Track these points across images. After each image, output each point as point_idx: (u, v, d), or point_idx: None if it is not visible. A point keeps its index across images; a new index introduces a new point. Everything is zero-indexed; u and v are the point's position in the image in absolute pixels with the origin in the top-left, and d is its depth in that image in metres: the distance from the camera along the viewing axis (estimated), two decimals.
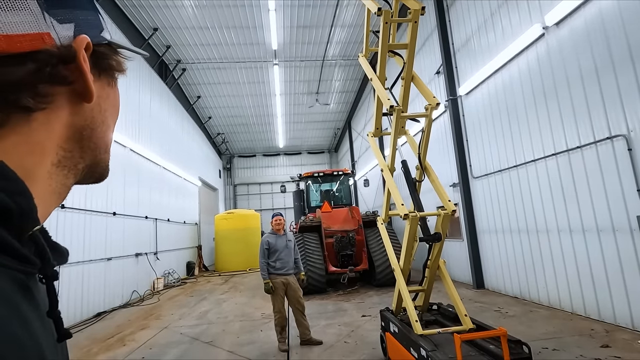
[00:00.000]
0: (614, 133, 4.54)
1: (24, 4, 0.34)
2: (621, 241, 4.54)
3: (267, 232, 5.23)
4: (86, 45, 0.38)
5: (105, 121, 0.45)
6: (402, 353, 3.42)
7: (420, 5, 3.53)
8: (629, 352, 3.79)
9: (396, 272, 3.72)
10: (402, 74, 3.97)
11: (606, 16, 4.60)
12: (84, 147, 0.42)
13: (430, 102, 3.56)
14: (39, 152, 0.37)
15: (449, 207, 3.42)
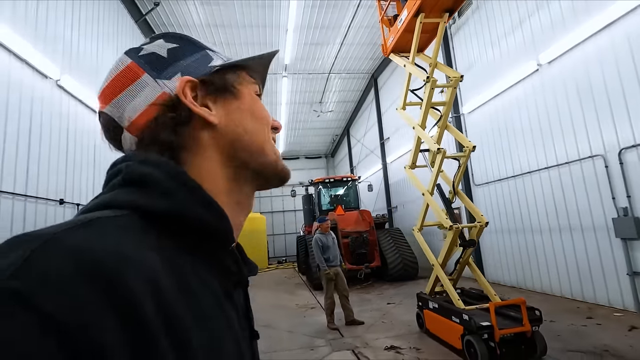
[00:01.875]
0: (594, 153, 5.80)
1: (144, 84, 0.46)
2: (600, 238, 5.79)
3: (317, 233, 6.22)
4: (191, 84, 0.47)
5: (247, 129, 0.51)
6: (443, 322, 4.51)
7: (460, 74, 4.67)
8: (608, 321, 5.02)
9: (435, 267, 4.80)
10: (438, 122, 5.10)
11: (589, 59, 5.86)
12: (241, 157, 0.50)
13: (467, 145, 4.65)
14: (212, 176, 0.47)
15: (482, 220, 4.54)
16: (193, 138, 0.46)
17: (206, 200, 0.41)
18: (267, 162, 0.53)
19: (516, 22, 7.37)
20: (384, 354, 4.51)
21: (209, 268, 0.40)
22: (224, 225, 0.42)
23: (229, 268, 0.43)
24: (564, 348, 4.18)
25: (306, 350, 4.88)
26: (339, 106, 19.29)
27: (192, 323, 0.33)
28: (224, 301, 0.41)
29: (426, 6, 4.77)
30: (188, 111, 0.46)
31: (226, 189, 0.48)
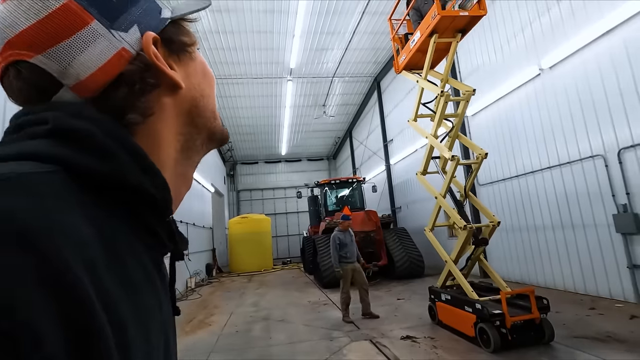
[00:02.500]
0: (595, 153, 6.12)
1: (94, 34, 0.37)
2: (601, 233, 6.10)
3: (336, 231, 6.50)
4: (154, 40, 0.41)
5: (203, 93, 0.48)
6: (456, 313, 4.81)
7: (472, 88, 5.00)
8: (610, 311, 5.33)
9: (448, 263, 5.09)
10: (450, 132, 5.45)
11: (589, 64, 6.19)
12: (197, 125, 0.47)
13: (479, 152, 4.96)
14: (165, 146, 0.43)
15: (495, 220, 4.84)
16: (158, 105, 0.42)
17: (148, 167, 0.38)
18: (218, 126, 0.51)
19: (518, 28, 7.71)
20: (401, 343, 4.80)
21: (142, 239, 0.37)
22: (165, 196, 0.39)
23: (163, 240, 0.40)
24: (570, 335, 4.48)
25: (326, 340, 5.16)
26: (342, 109, 19.62)
27: (124, 297, 0.30)
28: (154, 275, 0.38)
29: (440, 27, 5.08)
30: (158, 74, 0.41)
31: (174, 159, 0.45)
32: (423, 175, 5.80)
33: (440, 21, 4.96)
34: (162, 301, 0.39)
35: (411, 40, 5.85)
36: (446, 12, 4.97)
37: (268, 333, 5.78)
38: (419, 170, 5.84)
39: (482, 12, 5.03)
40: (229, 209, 24.68)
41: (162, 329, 0.38)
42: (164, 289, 0.41)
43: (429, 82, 5.59)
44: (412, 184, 13.73)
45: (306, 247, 13.87)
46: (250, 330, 6.09)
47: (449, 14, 5.00)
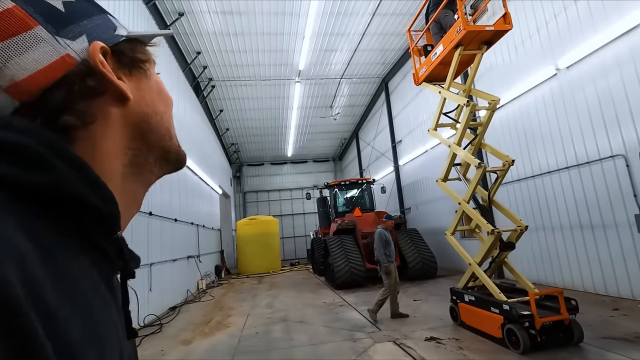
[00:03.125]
0: (615, 153, 6.10)
1: (36, 38, 0.37)
2: (622, 234, 6.07)
3: (381, 228, 6.55)
4: (102, 50, 0.41)
5: (157, 111, 0.47)
6: (482, 314, 4.79)
7: (498, 98, 5.01)
8: (633, 311, 5.30)
9: (473, 265, 5.07)
10: (473, 141, 5.48)
11: (607, 64, 6.17)
12: (148, 141, 0.46)
13: (506, 159, 4.95)
14: (109, 158, 0.41)
15: (522, 225, 4.81)
16: (101, 114, 0.41)
17: (93, 179, 0.36)
18: (173, 146, 0.51)
19: (533, 29, 7.70)
20: (425, 344, 4.78)
21: (88, 254, 0.36)
22: (111, 209, 0.37)
23: (111, 258, 0.38)
24: (597, 335, 4.46)
25: (349, 341, 5.15)
26: (348, 110, 19.64)
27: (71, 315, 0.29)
28: (103, 291, 0.36)
29: (465, 40, 5.08)
30: (103, 82, 0.41)
31: (122, 173, 0.43)
32: (444, 182, 5.79)
33: (465, 35, 4.95)
34: (116, 320, 0.38)
35: (432, 53, 5.85)
36: (471, 26, 4.97)
37: (289, 334, 5.77)
38: (439, 177, 5.85)
39: (508, 27, 5.01)
40: (235, 210, 24.72)
41: (119, 351, 0.37)
42: (116, 309, 0.39)
43: (452, 93, 5.58)
44: (422, 185, 13.71)
45: (316, 248, 13.87)
46: (270, 331, 6.08)
47: (475, 28, 4.99)
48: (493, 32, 5.05)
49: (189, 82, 13.12)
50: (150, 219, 8.09)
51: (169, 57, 10.89)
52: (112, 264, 0.39)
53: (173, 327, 6.96)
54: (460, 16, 4.94)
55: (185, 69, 12.51)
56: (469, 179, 5.48)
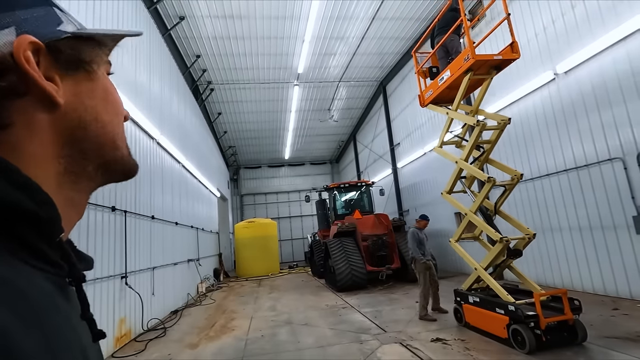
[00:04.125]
0: (613, 156, 6.24)
1: None
2: (620, 235, 6.21)
3: (413, 227, 6.74)
4: (33, 46, 0.36)
5: (97, 117, 0.43)
6: (486, 315, 4.88)
7: (508, 117, 5.13)
8: (634, 311, 5.42)
9: (479, 270, 5.15)
10: (480, 157, 5.61)
11: (605, 69, 6.32)
12: (83, 149, 0.41)
13: (515, 174, 5.07)
14: (36, 165, 0.37)
15: (530, 233, 4.91)
16: (23, 116, 0.36)
17: (24, 182, 0.34)
18: (117, 156, 0.46)
19: (532, 34, 7.86)
20: (432, 345, 4.85)
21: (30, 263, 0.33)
22: (49, 212, 0.35)
23: (57, 263, 0.36)
24: (600, 335, 4.56)
25: (356, 343, 5.20)
26: (346, 113, 19.74)
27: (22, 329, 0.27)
28: (57, 299, 0.34)
29: (475, 65, 5.16)
30: (26, 81, 0.36)
31: (56, 181, 0.40)
32: (449, 194, 5.89)
33: (474, 62, 5.05)
34: (76, 326, 0.36)
35: (439, 78, 5.95)
36: (479, 55, 5.06)
37: (295, 337, 5.81)
38: (444, 190, 5.95)
39: (515, 56, 5.11)
40: (232, 213, 24.67)
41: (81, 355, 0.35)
42: (75, 314, 0.37)
43: (459, 114, 5.69)
44: (421, 188, 13.83)
45: (315, 250, 13.91)
46: (276, 334, 6.11)
47: (482, 57, 5.08)
48: (501, 60, 5.15)
49: (188, 85, 13.13)
50: (152, 222, 8.09)
51: (169, 61, 10.90)
52: (59, 268, 0.36)
53: (177, 331, 6.96)
54: (469, 44, 5.04)
55: (185, 72, 12.52)
56: (474, 192, 5.61)
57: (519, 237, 5.05)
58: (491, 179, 4.94)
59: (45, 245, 0.35)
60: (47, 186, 0.37)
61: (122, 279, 6.31)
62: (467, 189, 5.77)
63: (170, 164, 9.94)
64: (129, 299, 6.53)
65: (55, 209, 0.36)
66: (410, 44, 13.31)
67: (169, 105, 10.13)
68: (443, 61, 6.25)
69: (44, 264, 0.35)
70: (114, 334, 5.89)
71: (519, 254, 5.02)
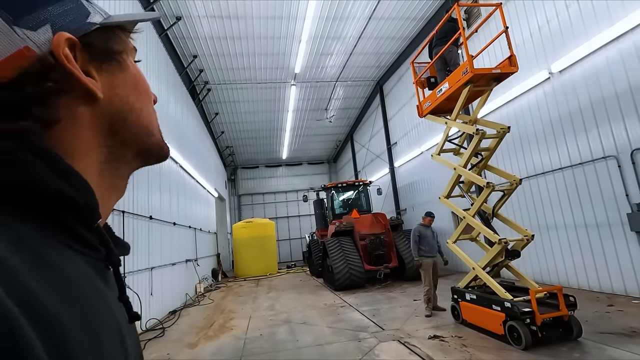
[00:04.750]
0: (607, 154, 6.31)
1: None
2: (615, 232, 6.28)
3: (418, 225, 6.76)
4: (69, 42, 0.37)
5: (133, 107, 0.44)
6: (483, 312, 4.92)
7: (507, 126, 5.17)
8: (628, 307, 5.49)
9: (476, 269, 5.19)
10: (479, 164, 5.67)
11: (599, 68, 6.39)
12: (124, 139, 0.44)
13: (514, 179, 5.11)
14: (81, 156, 0.39)
15: (529, 234, 4.96)
16: (69, 112, 0.38)
17: (64, 169, 0.35)
18: (153, 142, 0.48)
19: (527, 34, 7.92)
20: (430, 342, 4.89)
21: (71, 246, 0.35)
22: (87, 199, 0.36)
23: (95, 247, 0.37)
24: (595, 331, 4.62)
25: (354, 341, 5.24)
26: (343, 113, 19.78)
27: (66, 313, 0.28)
28: (97, 282, 0.36)
29: (474, 78, 5.18)
30: (69, 79, 0.37)
31: (98, 171, 0.41)
32: (447, 198, 5.93)
33: (472, 76, 5.08)
34: (113, 307, 0.37)
35: (438, 90, 5.99)
36: (478, 69, 5.09)
37: (294, 336, 5.84)
38: (442, 194, 5.99)
39: (514, 69, 5.14)
40: (230, 213, 24.66)
41: (118, 337, 0.36)
42: (112, 296, 0.39)
43: (459, 123, 5.72)
44: (418, 187, 13.90)
45: (313, 250, 13.94)
46: (274, 333, 6.14)
47: (481, 71, 5.12)
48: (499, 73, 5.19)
49: (185, 85, 13.12)
50: (150, 222, 8.10)
51: (166, 61, 10.91)
52: (97, 252, 0.38)
53: (176, 331, 6.97)
54: (467, 58, 5.07)
55: (182, 72, 12.52)
56: (473, 196, 5.66)
57: (517, 239, 5.09)
58: (490, 184, 4.99)
59: (85, 229, 0.36)
60: (90, 174, 0.39)
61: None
62: (466, 193, 5.83)
63: (168, 164, 9.94)
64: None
65: (92, 196, 0.37)
66: (406, 43, 13.37)
67: (166, 105, 10.12)
68: (441, 72, 6.29)
69: (84, 248, 0.36)
70: None
71: (517, 255, 5.07)
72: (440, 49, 5.93)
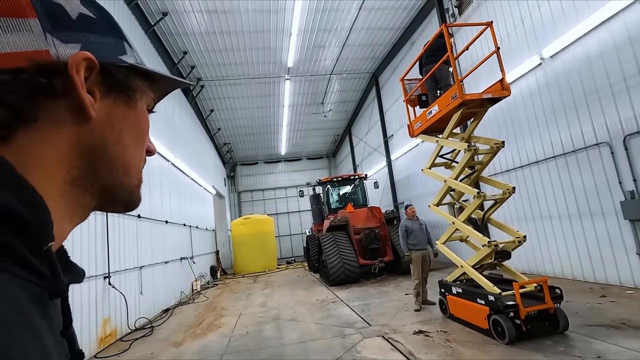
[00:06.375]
0: (600, 141, 6.11)
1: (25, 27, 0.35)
2: (609, 221, 6.09)
3: (404, 219, 6.64)
4: (88, 62, 0.38)
5: (120, 141, 0.43)
6: (468, 305, 4.80)
7: (501, 141, 4.97)
8: (621, 298, 5.33)
9: (465, 267, 5.03)
10: (471, 176, 5.51)
11: (590, 52, 6.17)
12: (97, 168, 0.41)
13: (507, 188, 4.92)
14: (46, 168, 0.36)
15: (520, 235, 4.77)
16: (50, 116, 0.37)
17: (16, 181, 0.32)
18: (125, 182, 0.45)
19: (518, 20, 7.68)
20: (414, 338, 4.78)
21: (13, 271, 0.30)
22: (39, 217, 0.32)
23: (39, 272, 0.32)
24: (584, 323, 4.47)
25: (339, 337, 5.14)
26: (340, 106, 19.58)
27: None
28: (33, 316, 0.30)
29: (466, 101, 4.97)
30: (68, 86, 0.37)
31: (60, 191, 0.38)
32: (437, 206, 5.77)
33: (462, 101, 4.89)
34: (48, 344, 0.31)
35: (427, 112, 5.80)
36: (467, 95, 4.89)
37: (279, 333, 5.76)
38: (432, 202, 5.83)
39: (505, 93, 4.93)
40: (230, 210, 24.65)
41: None
42: (51, 330, 0.33)
43: (450, 141, 5.52)
44: (414, 179, 13.73)
45: (310, 245, 13.87)
46: (261, 330, 6.06)
47: (470, 97, 4.91)
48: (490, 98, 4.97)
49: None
50: (139, 221, 8.04)
51: (156, 59, 10.80)
52: (39, 277, 0.32)
53: (165, 330, 6.93)
54: (456, 83, 4.88)
55: (173, 69, 12.40)
56: (464, 204, 5.50)
57: (508, 241, 4.91)
58: (481, 194, 4.81)
59: (29, 251, 0.31)
60: (49, 191, 0.36)
61: (105, 279, 6.27)
62: (457, 201, 5.69)
63: (159, 162, 9.86)
64: (114, 299, 6.49)
65: (46, 215, 0.33)
66: (399, 34, 13.13)
67: None
68: (432, 92, 6.10)
69: (24, 272, 0.31)
70: (97, 335, 5.86)
71: (507, 256, 4.91)
72: (431, 68, 5.72)
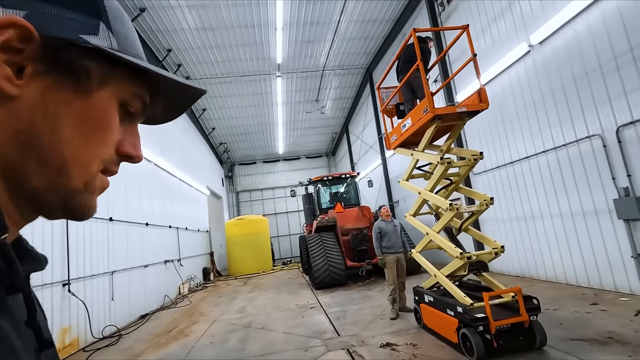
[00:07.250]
0: (592, 133, 5.59)
1: None
2: (602, 221, 5.57)
3: (378, 220, 6.22)
4: (20, 30, 0.31)
5: (55, 130, 0.35)
6: (439, 316, 4.35)
7: (479, 152, 4.51)
8: (613, 306, 4.81)
9: (438, 276, 4.55)
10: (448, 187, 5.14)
11: (581, 37, 5.65)
12: (25, 161, 0.34)
13: (484, 199, 4.43)
14: None
15: (497, 246, 4.27)
16: None
17: None
18: (57, 185, 0.36)
19: (505, 5, 7.16)
20: (379, 351, 4.36)
21: None
22: None
23: None
24: (566, 337, 3.99)
25: (301, 350, 4.74)
26: (336, 103, 19.13)
27: None
28: None
29: (441, 115, 4.55)
30: None
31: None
32: (413, 216, 5.33)
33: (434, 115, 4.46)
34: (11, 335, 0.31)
35: (402, 125, 5.38)
36: (439, 109, 4.47)
37: (243, 344, 5.38)
38: (409, 212, 5.38)
39: (483, 106, 4.47)
40: (229, 211, 24.40)
41: None
42: (11, 323, 0.32)
43: (425, 154, 5.07)
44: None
45: (301, 246, 13.49)
46: (226, 340, 5.70)
47: (442, 111, 4.48)
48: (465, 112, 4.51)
49: None
50: (110, 224, 7.74)
51: None
52: None
53: (132, 338, 6.61)
54: (427, 96, 4.44)
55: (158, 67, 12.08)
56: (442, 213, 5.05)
57: (484, 252, 4.43)
58: (453, 206, 4.34)
59: None
60: None
61: (65, 286, 5.97)
62: (435, 211, 5.24)
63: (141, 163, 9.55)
64: (76, 307, 6.19)
65: None
66: (390, 26, 12.64)
67: None
68: (409, 103, 5.66)
69: None
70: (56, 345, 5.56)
71: (484, 268, 4.44)
72: (405, 75, 5.28)
